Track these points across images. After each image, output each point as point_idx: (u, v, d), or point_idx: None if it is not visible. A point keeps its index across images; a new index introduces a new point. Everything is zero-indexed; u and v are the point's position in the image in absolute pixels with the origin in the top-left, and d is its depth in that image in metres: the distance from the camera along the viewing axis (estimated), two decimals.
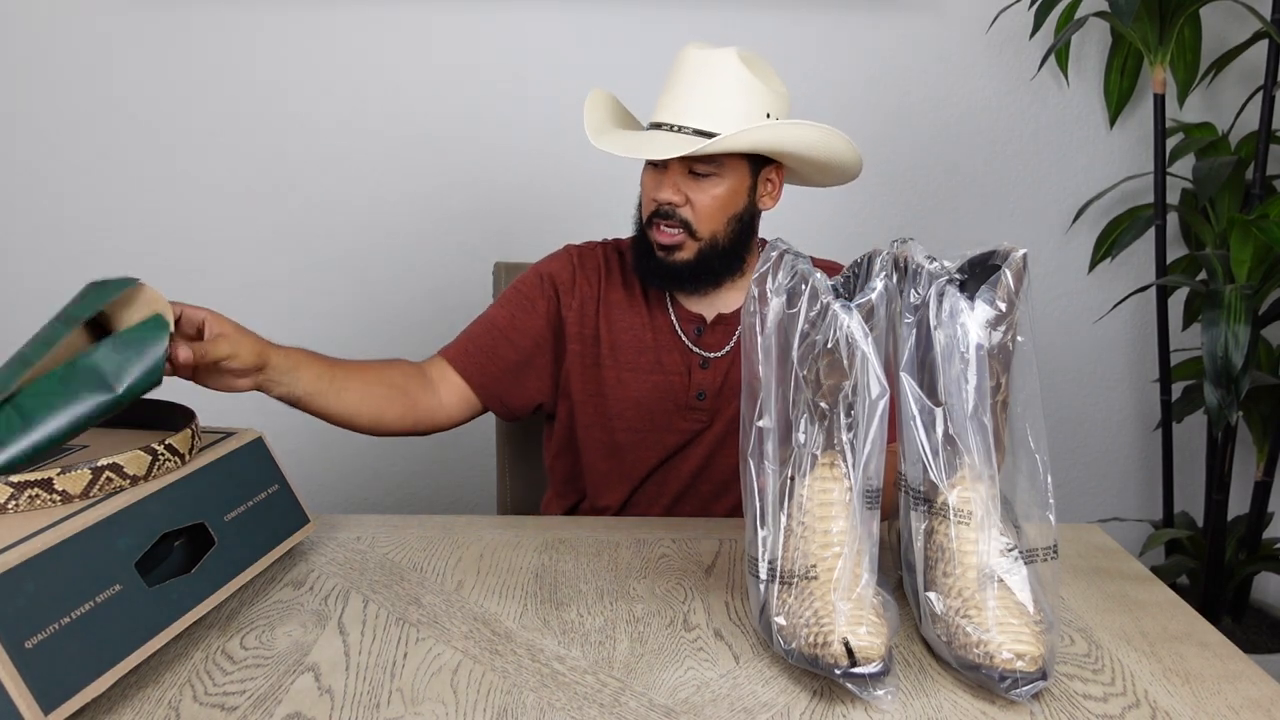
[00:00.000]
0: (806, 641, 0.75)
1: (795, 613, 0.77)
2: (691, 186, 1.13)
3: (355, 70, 1.93)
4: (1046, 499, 0.79)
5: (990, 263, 0.82)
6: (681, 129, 1.10)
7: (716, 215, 1.15)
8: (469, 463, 2.07)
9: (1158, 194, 1.82)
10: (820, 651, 0.74)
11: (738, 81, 1.11)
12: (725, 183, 1.14)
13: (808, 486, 0.79)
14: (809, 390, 0.78)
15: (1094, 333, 2.08)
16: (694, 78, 1.12)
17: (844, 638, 0.73)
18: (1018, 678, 0.73)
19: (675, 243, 1.15)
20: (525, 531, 1.09)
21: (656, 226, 1.15)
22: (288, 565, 0.98)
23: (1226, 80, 1.97)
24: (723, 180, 1.14)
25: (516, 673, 0.78)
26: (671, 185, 1.13)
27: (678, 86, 1.13)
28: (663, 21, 1.92)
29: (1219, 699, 0.76)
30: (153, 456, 0.83)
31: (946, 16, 1.94)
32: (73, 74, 1.91)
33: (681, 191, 1.13)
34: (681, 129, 1.10)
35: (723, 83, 1.11)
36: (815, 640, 0.74)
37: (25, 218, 1.97)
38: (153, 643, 0.74)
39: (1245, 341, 1.56)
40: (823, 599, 0.76)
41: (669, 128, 1.11)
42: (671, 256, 1.16)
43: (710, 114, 1.10)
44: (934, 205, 2.02)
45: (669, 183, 1.13)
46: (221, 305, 1.99)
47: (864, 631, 0.74)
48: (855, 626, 0.74)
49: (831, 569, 0.77)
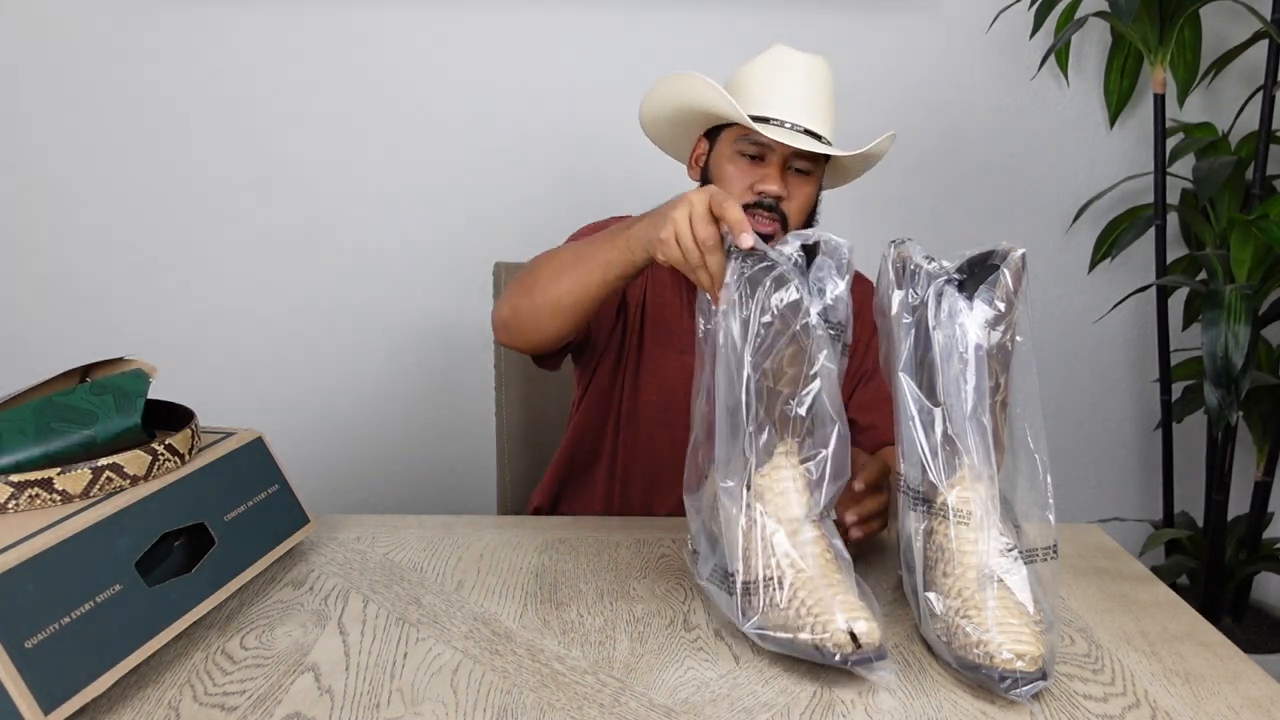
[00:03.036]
0: (805, 630, 0.76)
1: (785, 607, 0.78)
2: (792, 182, 1.18)
3: (357, 70, 1.93)
4: (1046, 499, 0.79)
5: (989, 262, 0.82)
6: (794, 126, 1.16)
7: (806, 211, 1.21)
8: (469, 463, 2.07)
9: (1158, 194, 1.82)
10: (821, 639, 0.75)
11: (832, 90, 1.20)
12: (814, 182, 1.21)
13: (765, 477, 0.81)
14: (770, 380, 0.80)
15: (1094, 333, 2.08)
16: (804, 80, 1.18)
17: (848, 627, 0.74)
18: (1018, 678, 0.73)
19: (771, 232, 1.17)
20: (525, 531, 1.09)
21: (752, 215, 1.17)
22: (288, 565, 0.98)
23: (1226, 80, 1.97)
24: (814, 179, 1.20)
25: (516, 673, 0.78)
26: (780, 179, 1.16)
27: (790, 86, 1.18)
28: (663, 22, 1.92)
29: (1219, 699, 0.76)
30: (153, 456, 0.83)
31: (946, 16, 1.94)
32: (75, 74, 1.91)
33: (786, 186, 1.17)
34: (794, 126, 1.16)
35: (829, 89, 1.20)
36: (815, 629, 0.75)
37: (27, 218, 1.97)
38: (153, 643, 0.74)
39: (1245, 341, 1.56)
40: (810, 591, 0.77)
41: (779, 123, 1.15)
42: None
43: (819, 118, 1.18)
44: (933, 205, 2.02)
45: (778, 176, 1.17)
46: (222, 303, 2.01)
47: (862, 619, 0.75)
48: (855, 614, 0.75)
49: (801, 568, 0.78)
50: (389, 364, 2.05)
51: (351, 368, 2.05)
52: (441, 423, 2.07)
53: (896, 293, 0.83)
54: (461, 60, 1.93)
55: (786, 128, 1.15)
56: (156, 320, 2.00)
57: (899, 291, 0.83)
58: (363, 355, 2.05)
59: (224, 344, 2.03)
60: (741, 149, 1.18)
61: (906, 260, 0.84)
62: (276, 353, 2.04)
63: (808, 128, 1.16)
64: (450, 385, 2.05)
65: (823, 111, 1.18)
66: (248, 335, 2.03)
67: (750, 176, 1.17)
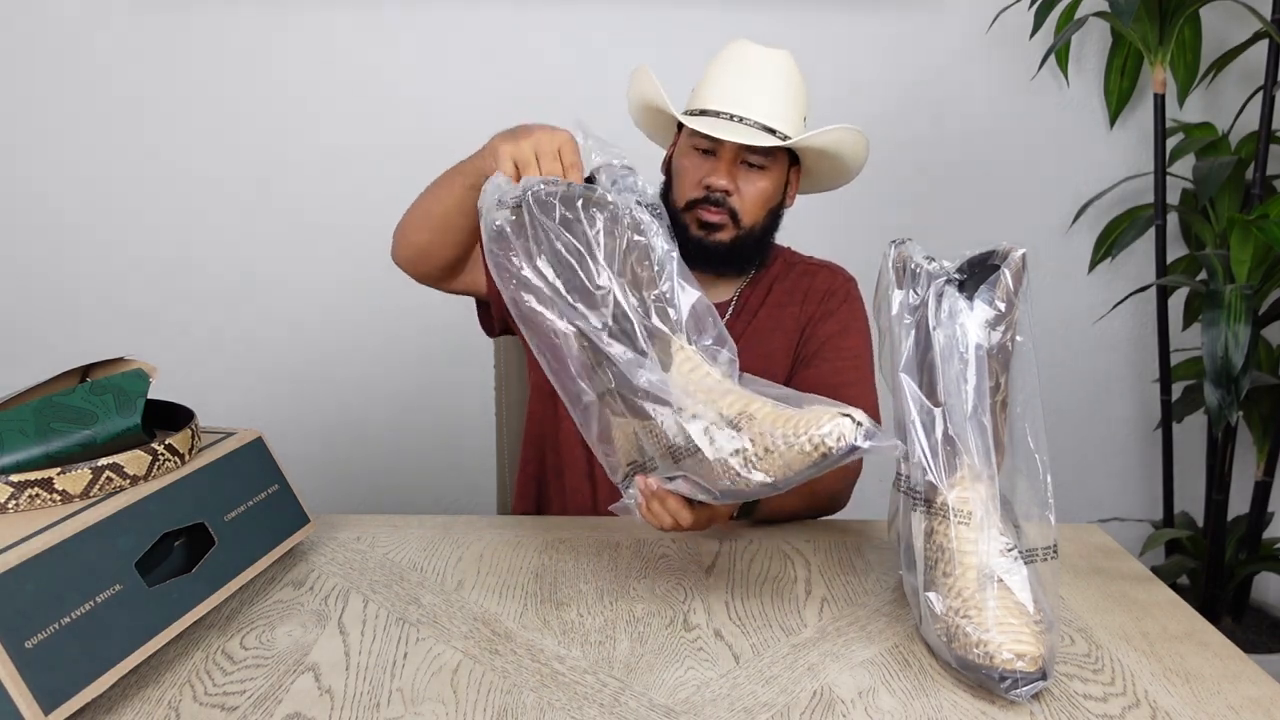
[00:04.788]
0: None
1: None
2: (742, 177, 1.17)
3: (358, 70, 1.93)
4: (1046, 499, 0.79)
5: (989, 263, 0.82)
6: (743, 120, 1.14)
7: (760, 206, 1.19)
8: (469, 463, 2.07)
9: (1158, 194, 1.82)
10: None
11: (790, 82, 1.17)
12: (770, 177, 1.18)
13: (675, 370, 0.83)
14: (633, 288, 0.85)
15: (1094, 333, 2.08)
16: (755, 74, 1.16)
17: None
18: (1018, 678, 0.73)
19: (719, 222, 1.17)
20: (525, 531, 1.09)
21: (701, 208, 1.17)
22: (288, 565, 0.98)
23: (1226, 80, 1.97)
24: (769, 174, 1.18)
25: (516, 673, 0.78)
26: (727, 174, 1.16)
27: (739, 79, 1.16)
28: (667, 19, 1.92)
29: (1219, 699, 0.76)
30: (153, 456, 0.83)
31: (946, 16, 1.94)
32: (76, 74, 1.91)
33: (734, 180, 1.16)
34: (743, 120, 1.14)
35: (783, 81, 1.16)
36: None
37: (27, 218, 1.97)
38: (153, 643, 0.74)
39: (1245, 341, 1.56)
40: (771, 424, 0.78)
41: (728, 117, 1.14)
42: (711, 236, 1.18)
43: (770, 111, 1.15)
44: (933, 205, 2.02)
45: (723, 170, 1.16)
46: (223, 302, 2.01)
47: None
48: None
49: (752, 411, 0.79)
50: (389, 364, 2.05)
51: (351, 368, 2.05)
52: (441, 423, 2.07)
53: (897, 293, 0.83)
54: (461, 60, 1.93)
55: (724, 119, 1.14)
56: (156, 320, 2.00)
57: (899, 292, 0.83)
58: (363, 355, 2.05)
59: (224, 344, 2.03)
60: (695, 144, 1.18)
61: (907, 260, 0.84)
62: (276, 353, 2.04)
63: (758, 121, 1.14)
64: (450, 385, 2.05)
65: (777, 105, 1.15)
66: (248, 335, 2.03)
67: (701, 171, 1.17)
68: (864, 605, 0.91)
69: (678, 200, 1.20)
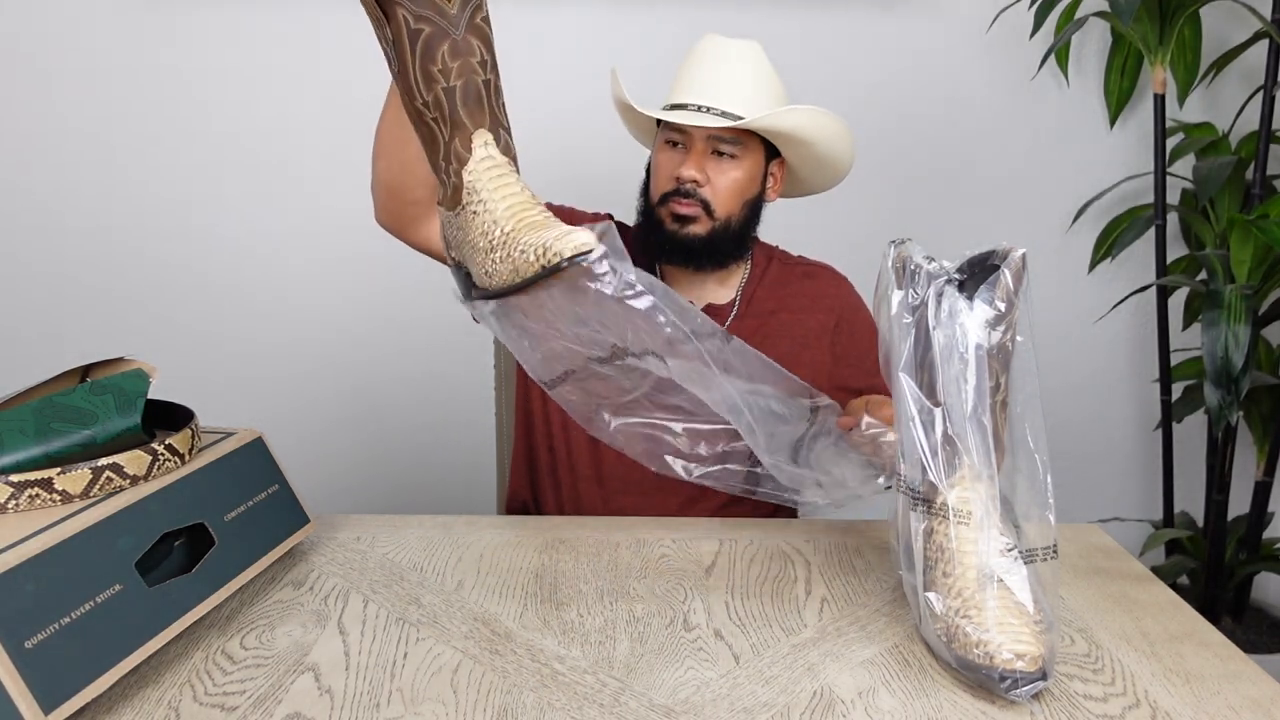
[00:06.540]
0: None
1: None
2: (713, 167, 1.16)
3: (359, 69, 1.93)
4: (1046, 499, 0.79)
5: (989, 262, 0.82)
6: (710, 109, 1.14)
7: (734, 197, 1.17)
8: (469, 463, 2.07)
9: (1158, 194, 1.82)
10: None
11: (760, 71, 1.16)
12: (744, 166, 1.17)
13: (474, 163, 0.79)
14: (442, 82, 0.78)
15: (1094, 333, 2.08)
16: (721, 63, 1.16)
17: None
18: (1018, 678, 0.73)
19: (692, 214, 1.16)
20: (525, 531, 1.09)
21: (673, 201, 1.17)
22: (288, 565, 0.98)
23: (1226, 80, 1.97)
24: (741, 164, 1.17)
25: (516, 673, 0.78)
26: (695, 164, 1.15)
27: (704, 70, 1.16)
28: (665, 18, 1.92)
29: (1219, 699, 0.76)
30: (153, 456, 0.83)
31: (946, 16, 1.94)
32: (77, 74, 1.91)
33: (704, 171, 1.16)
34: (710, 109, 1.14)
35: (749, 70, 1.16)
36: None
37: (27, 218, 1.97)
38: (153, 643, 0.74)
39: (1245, 341, 1.56)
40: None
41: (695, 107, 1.14)
42: (685, 229, 1.17)
43: (736, 98, 1.14)
44: (933, 205, 2.02)
45: (692, 161, 1.15)
46: (223, 302, 2.01)
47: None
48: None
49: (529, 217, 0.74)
50: (389, 364, 2.05)
51: (351, 368, 2.05)
52: (441, 423, 2.07)
53: (896, 293, 0.83)
54: None
55: (692, 110, 1.14)
56: (156, 320, 2.00)
57: (899, 291, 0.83)
58: (363, 355, 2.05)
59: (224, 344, 2.03)
60: (667, 137, 1.18)
61: (906, 260, 0.84)
62: (276, 353, 2.04)
63: (724, 109, 1.14)
64: (450, 385, 2.05)
65: (744, 90, 1.15)
66: (248, 335, 2.03)
67: (674, 164, 1.17)
68: (864, 605, 0.91)
69: (653, 195, 1.20)
